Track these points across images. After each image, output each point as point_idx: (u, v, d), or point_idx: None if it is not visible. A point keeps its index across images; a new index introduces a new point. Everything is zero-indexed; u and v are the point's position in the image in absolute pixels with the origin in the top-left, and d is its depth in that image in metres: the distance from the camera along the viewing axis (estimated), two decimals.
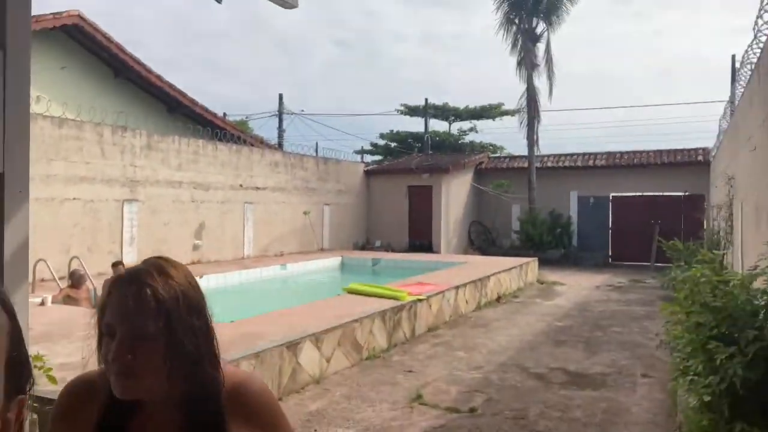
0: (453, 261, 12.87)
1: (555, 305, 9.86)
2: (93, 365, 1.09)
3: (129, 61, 12.60)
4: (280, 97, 27.60)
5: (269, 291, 10.89)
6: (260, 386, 1.11)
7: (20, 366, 0.53)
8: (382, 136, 31.74)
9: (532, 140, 18.19)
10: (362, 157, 27.93)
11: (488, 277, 9.97)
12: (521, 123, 18.76)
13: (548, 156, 19.47)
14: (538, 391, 5.20)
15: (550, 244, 17.01)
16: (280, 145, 24.29)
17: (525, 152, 18.97)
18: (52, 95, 10.75)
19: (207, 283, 9.91)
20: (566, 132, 39.88)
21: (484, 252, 17.18)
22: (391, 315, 6.75)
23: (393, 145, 31.00)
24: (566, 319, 8.63)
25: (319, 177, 15.77)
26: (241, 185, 13.04)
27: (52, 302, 6.82)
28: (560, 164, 18.75)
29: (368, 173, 18.33)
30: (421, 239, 17.27)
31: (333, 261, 14.01)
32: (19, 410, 0.53)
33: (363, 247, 17.17)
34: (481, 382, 5.43)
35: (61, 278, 7.95)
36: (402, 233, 17.54)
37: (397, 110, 31.14)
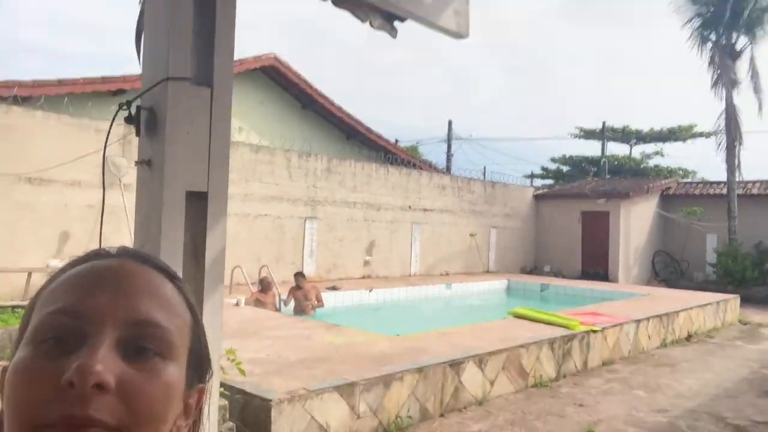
0: (633, 292, 11.73)
1: (761, 350, 8.42)
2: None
3: (314, 95, 13.89)
4: (449, 123, 28.18)
5: (433, 309, 10.99)
6: None
7: (200, 358, 0.57)
8: (553, 160, 30.51)
9: (732, 164, 16.03)
10: (532, 182, 27.07)
11: (677, 312, 8.88)
12: (719, 145, 16.67)
13: (754, 182, 16.96)
14: None
15: (755, 280, 14.69)
16: (448, 169, 24.65)
17: (721, 177, 16.78)
18: (251, 126, 12.28)
19: (376, 296, 10.35)
20: None
21: (670, 285, 15.38)
22: (560, 343, 6.35)
23: (565, 169, 29.60)
24: None
25: (486, 200, 15.63)
26: (409, 206, 13.46)
27: (245, 304, 7.66)
28: None
29: (537, 197, 17.69)
30: (596, 267, 16.08)
31: (499, 284, 13.69)
32: (199, 398, 0.57)
33: (531, 272, 16.52)
34: (666, 428, 4.82)
35: (252, 284, 8.92)
36: (574, 260, 16.52)
37: (571, 134, 29.75)
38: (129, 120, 1.91)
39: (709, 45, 16.56)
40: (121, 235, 8.09)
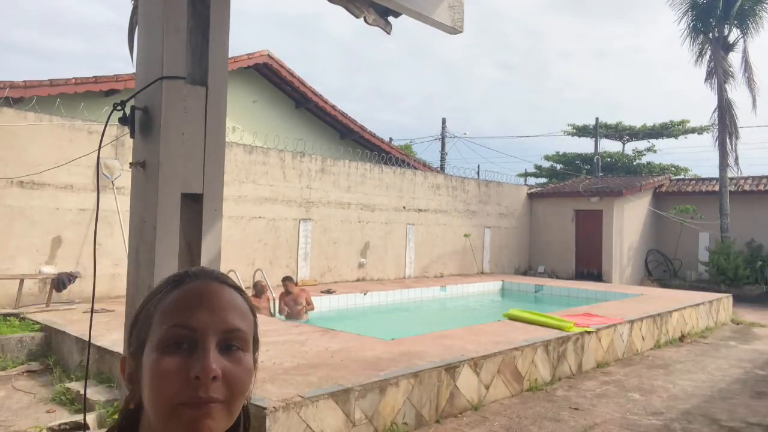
0: (627, 292, 11.78)
1: (755, 350, 8.47)
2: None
3: (308, 93, 13.83)
4: (443, 121, 28.18)
5: (429, 311, 10.99)
6: None
7: (257, 341, 0.82)
8: (547, 158, 30.58)
9: (724, 160, 16.06)
10: (525, 180, 27.15)
11: (670, 312, 8.93)
12: (715, 141, 16.70)
13: (746, 178, 17.00)
14: None
15: (747, 279, 14.75)
16: (442, 168, 24.68)
17: (715, 174, 16.86)
18: (245, 125, 12.21)
19: (370, 299, 10.34)
20: None
21: (663, 284, 15.47)
22: (555, 346, 6.36)
23: (558, 167, 29.67)
24: None
25: (480, 200, 15.64)
26: (404, 207, 13.45)
27: None
28: (762, 188, 16.22)
29: (531, 196, 17.71)
30: (590, 267, 16.13)
31: (493, 285, 13.71)
32: (255, 361, 0.80)
33: (525, 273, 16.56)
34: (661, 431, 4.84)
35: (246, 288, 8.89)
36: (568, 260, 16.57)
37: (564, 131, 29.83)
38: (123, 121, 1.87)
39: (701, 38, 16.63)
40: (115, 239, 8.03)
